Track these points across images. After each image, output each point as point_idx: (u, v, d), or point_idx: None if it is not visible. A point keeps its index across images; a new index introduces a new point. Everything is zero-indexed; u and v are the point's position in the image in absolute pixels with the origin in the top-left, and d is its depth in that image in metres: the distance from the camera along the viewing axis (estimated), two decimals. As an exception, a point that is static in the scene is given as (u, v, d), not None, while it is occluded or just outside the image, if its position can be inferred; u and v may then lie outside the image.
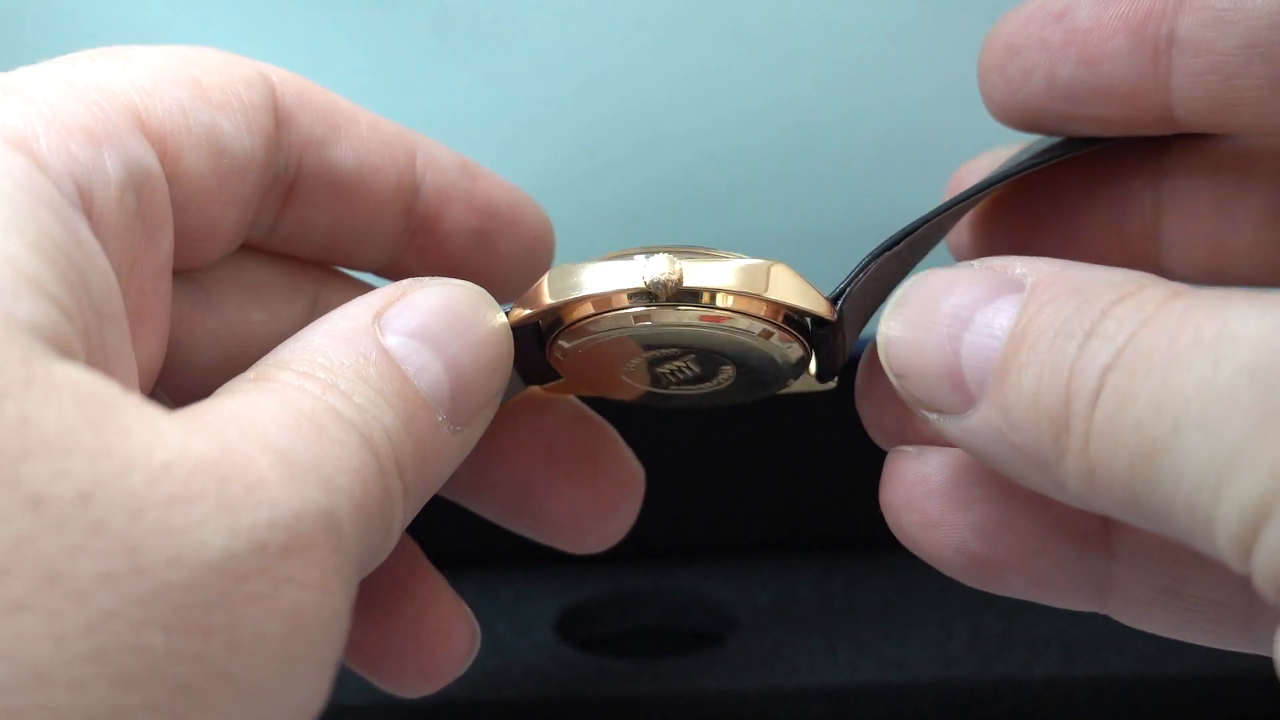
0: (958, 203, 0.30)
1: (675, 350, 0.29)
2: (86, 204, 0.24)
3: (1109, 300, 0.24)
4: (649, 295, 0.27)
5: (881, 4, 0.51)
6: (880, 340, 0.27)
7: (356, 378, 0.25)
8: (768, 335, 0.28)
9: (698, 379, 0.30)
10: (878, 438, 0.31)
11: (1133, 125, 0.30)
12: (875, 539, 0.58)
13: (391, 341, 0.26)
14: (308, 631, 0.21)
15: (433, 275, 0.29)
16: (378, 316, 0.27)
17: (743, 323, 0.28)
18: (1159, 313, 0.23)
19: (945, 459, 0.28)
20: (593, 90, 0.52)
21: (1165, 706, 0.49)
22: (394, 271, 0.33)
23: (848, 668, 0.50)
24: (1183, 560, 0.28)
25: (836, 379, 0.30)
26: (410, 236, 0.32)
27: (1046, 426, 0.24)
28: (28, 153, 0.24)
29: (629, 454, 0.35)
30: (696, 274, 0.27)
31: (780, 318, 0.28)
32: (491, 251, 0.33)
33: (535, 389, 0.31)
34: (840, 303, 0.28)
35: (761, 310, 0.28)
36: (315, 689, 0.21)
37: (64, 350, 0.21)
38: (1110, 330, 0.23)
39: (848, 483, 0.54)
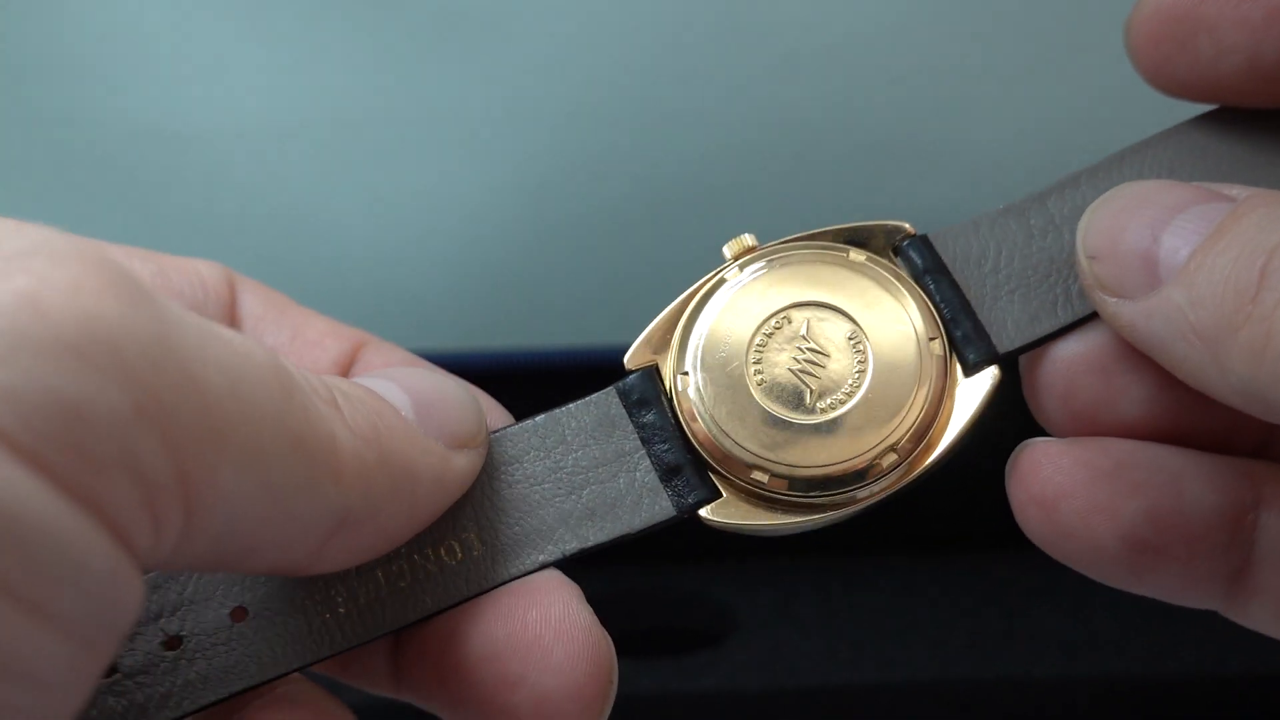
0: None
1: None
2: None
3: None
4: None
5: (881, 5, 0.51)
6: (1081, 227, 0.28)
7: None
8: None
9: None
10: (1055, 422, 0.30)
11: None
12: (875, 539, 0.58)
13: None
14: (48, 314, 0.19)
15: None
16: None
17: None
18: None
19: (1103, 446, 0.28)
20: (592, 89, 0.52)
21: (1165, 706, 0.49)
22: None
23: (848, 668, 0.50)
24: None
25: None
26: None
27: (1230, 299, 0.24)
28: None
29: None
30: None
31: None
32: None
33: None
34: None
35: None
36: (67, 384, 0.19)
37: None
38: None
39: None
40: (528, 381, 0.53)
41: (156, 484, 0.20)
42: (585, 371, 0.52)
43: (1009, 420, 0.29)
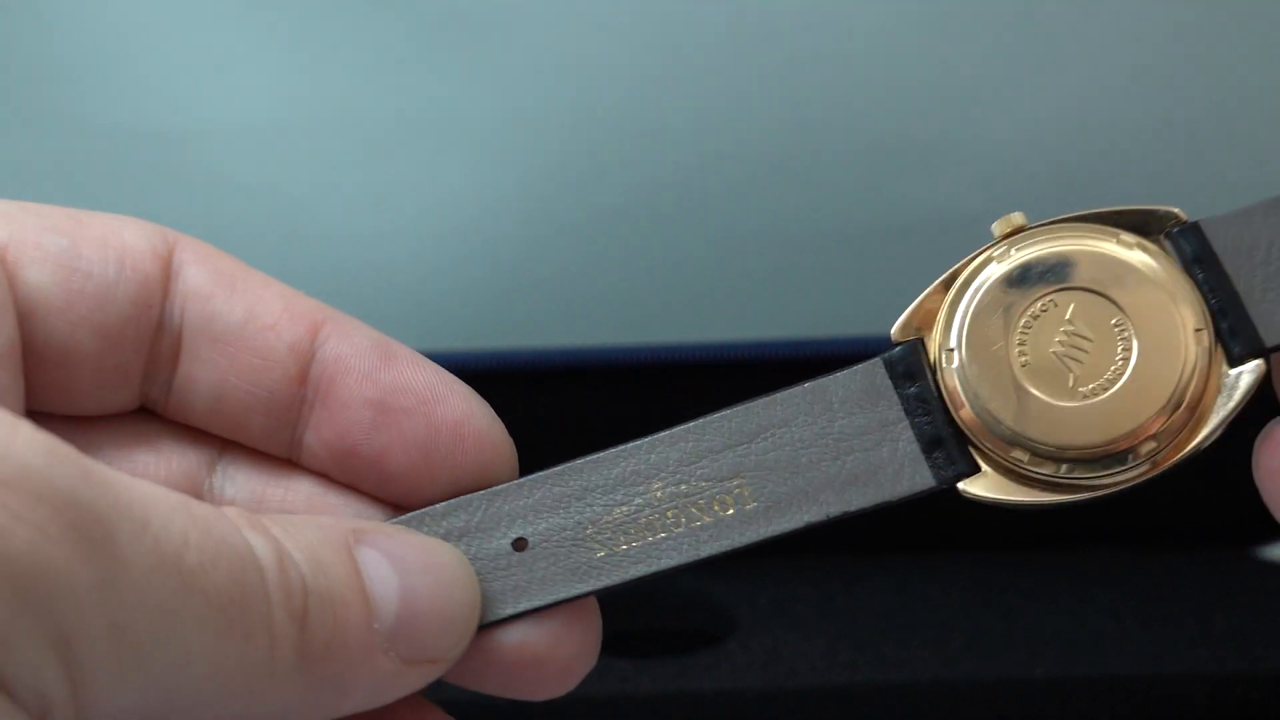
0: None
1: None
2: None
3: None
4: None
5: (881, 4, 0.51)
6: None
7: (303, 528, 0.26)
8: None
9: None
10: None
11: None
12: (875, 539, 0.58)
13: (360, 550, 0.26)
14: (6, 553, 0.20)
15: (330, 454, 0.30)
16: (356, 531, 0.27)
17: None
18: None
19: None
20: (592, 90, 0.52)
21: (1165, 706, 0.49)
22: (295, 454, 0.32)
23: (848, 668, 0.50)
24: None
25: None
26: (307, 409, 0.31)
27: None
28: None
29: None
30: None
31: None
32: (394, 430, 0.30)
33: None
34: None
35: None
36: None
37: None
38: None
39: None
40: (528, 381, 0.53)
41: (51, 703, 0.21)
42: (585, 372, 0.52)
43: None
